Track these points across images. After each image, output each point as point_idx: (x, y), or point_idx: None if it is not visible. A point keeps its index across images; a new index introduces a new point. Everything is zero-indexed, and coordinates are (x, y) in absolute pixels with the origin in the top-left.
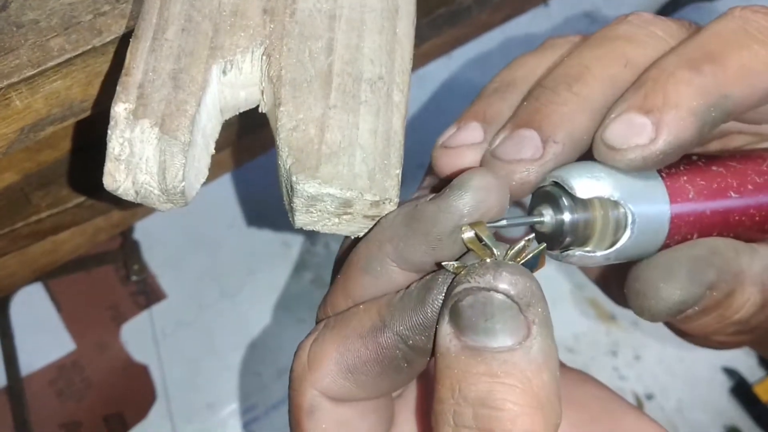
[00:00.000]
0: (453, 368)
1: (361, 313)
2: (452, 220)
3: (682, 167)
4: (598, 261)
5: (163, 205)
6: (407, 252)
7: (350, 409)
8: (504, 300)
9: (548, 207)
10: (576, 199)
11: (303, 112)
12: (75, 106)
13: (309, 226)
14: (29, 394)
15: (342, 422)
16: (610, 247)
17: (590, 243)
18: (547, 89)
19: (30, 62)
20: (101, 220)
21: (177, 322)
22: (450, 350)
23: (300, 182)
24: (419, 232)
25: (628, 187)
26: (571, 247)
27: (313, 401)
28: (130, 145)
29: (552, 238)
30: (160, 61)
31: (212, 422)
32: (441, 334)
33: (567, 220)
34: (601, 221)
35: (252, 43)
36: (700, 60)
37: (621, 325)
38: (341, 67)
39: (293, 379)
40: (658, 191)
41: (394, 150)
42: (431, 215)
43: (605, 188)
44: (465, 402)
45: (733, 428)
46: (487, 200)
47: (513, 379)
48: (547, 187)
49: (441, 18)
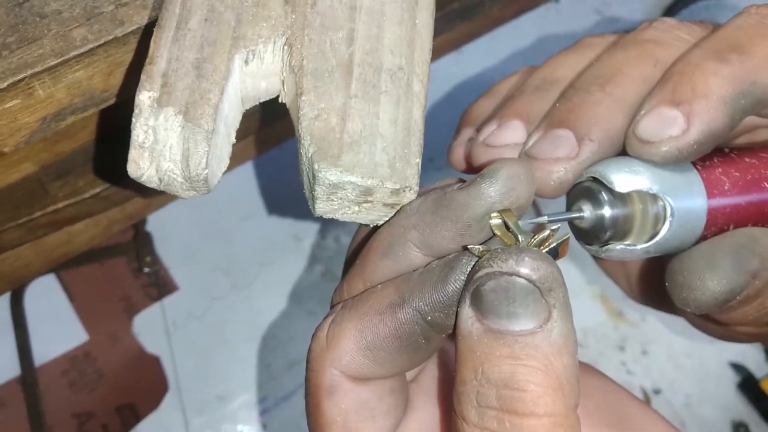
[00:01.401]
0: (475, 350)
1: (378, 292)
2: (483, 207)
3: (716, 159)
4: (638, 254)
5: (185, 193)
6: (433, 238)
7: (369, 389)
8: (526, 284)
9: (587, 202)
10: (615, 193)
11: (324, 101)
12: (96, 96)
13: (329, 214)
14: (42, 385)
15: (361, 402)
16: (649, 240)
17: (630, 237)
18: (580, 90)
19: (53, 52)
20: (116, 211)
21: (188, 314)
22: (472, 333)
23: (322, 170)
24: (448, 218)
25: (666, 181)
26: (611, 241)
27: (333, 380)
28: (154, 133)
29: (592, 234)
30: (184, 50)
31: (223, 413)
32: (463, 317)
33: (607, 215)
34: (641, 215)
35: (274, 34)
36: (725, 51)
37: (629, 320)
38: (362, 57)
39: (312, 360)
40: (695, 184)
41: (414, 139)
42: (462, 201)
43: (644, 182)
44: (488, 383)
45: (740, 423)
46: (517, 188)
47: (535, 362)
48: (585, 183)
49: (454, 12)
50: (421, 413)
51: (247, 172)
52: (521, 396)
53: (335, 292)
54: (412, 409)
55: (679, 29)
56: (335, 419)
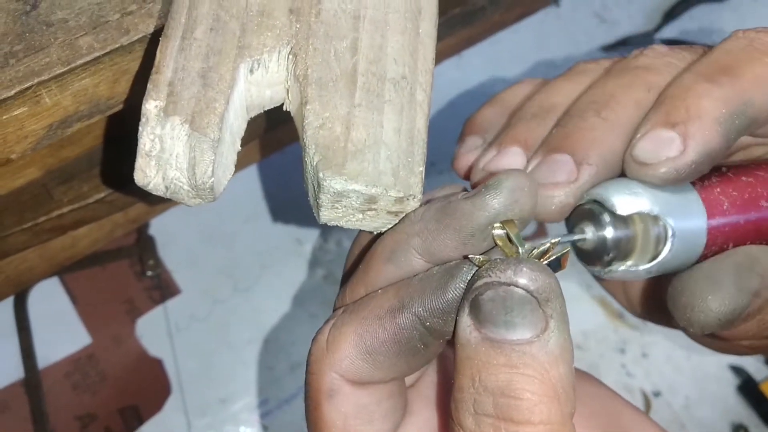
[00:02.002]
0: (473, 359)
1: (378, 297)
2: (486, 218)
3: (714, 179)
4: (641, 275)
5: (191, 201)
6: (436, 246)
7: (367, 393)
8: (523, 294)
9: (590, 224)
10: (617, 215)
11: (329, 110)
12: (102, 104)
13: (334, 222)
14: (46, 387)
15: (360, 406)
16: (651, 260)
17: (632, 257)
18: (576, 116)
19: (60, 60)
20: (119, 215)
21: (191, 317)
22: (470, 342)
23: (327, 179)
24: (451, 227)
25: (666, 202)
26: (614, 262)
27: (332, 384)
28: (160, 142)
29: (594, 255)
30: (190, 59)
31: (225, 416)
32: (461, 325)
33: (609, 237)
34: (642, 236)
35: (278, 43)
36: (716, 73)
37: (629, 323)
38: (366, 66)
39: (312, 363)
40: (695, 204)
41: (417, 148)
42: (466, 211)
43: (644, 203)
44: (485, 391)
45: (739, 425)
46: (520, 200)
47: (531, 370)
48: (586, 205)
49: (455, 18)
50: (419, 418)
51: (249, 176)
52: (517, 404)
53: (337, 296)
54: (411, 413)
55: (669, 55)
56: (335, 422)
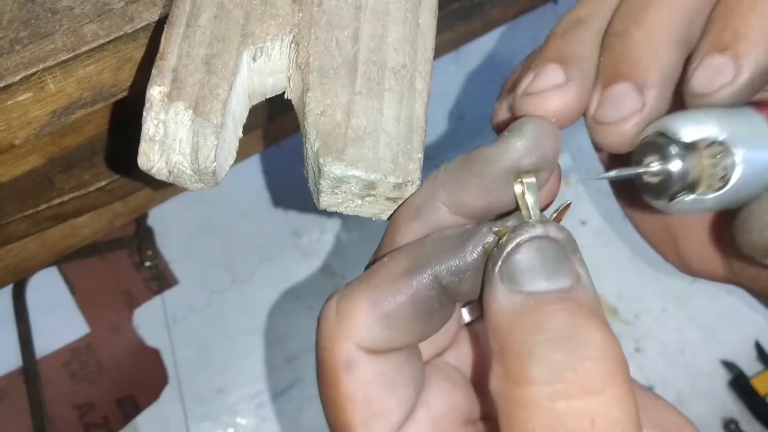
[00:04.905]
0: (522, 316)
1: (389, 263)
2: (510, 161)
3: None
4: (710, 205)
5: (194, 185)
6: (461, 195)
7: (386, 360)
8: (558, 246)
9: (654, 156)
10: (682, 144)
11: (330, 97)
12: (105, 91)
13: (333, 207)
14: (44, 376)
15: (380, 373)
16: (719, 189)
17: (700, 188)
18: (619, 35)
19: (64, 47)
20: (119, 205)
21: (188, 308)
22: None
23: (327, 164)
24: (475, 173)
25: (733, 128)
26: (681, 193)
27: (350, 355)
28: (164, 127)
29: (661, 188)
30: (194, 46)
31: (222, 406)
32: (497, 296)
33: (676, 168)
34: (710, 164)
35: (281, 31)
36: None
37: (622, 318)
38: (366, 55)
39: (323, 339)
40: (763, 129)
41: (416, 135)
42: (490, 156)
43: (710, 130)
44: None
45: (731, 420)
46: (544, 144)
47: (587, 310)
48: (651, 137)
49: (453, 13)
50: (440, 388)
51: (247, 168)
52: (586, 340)
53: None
54: (429, 383)
55: None
56: (355, 395)
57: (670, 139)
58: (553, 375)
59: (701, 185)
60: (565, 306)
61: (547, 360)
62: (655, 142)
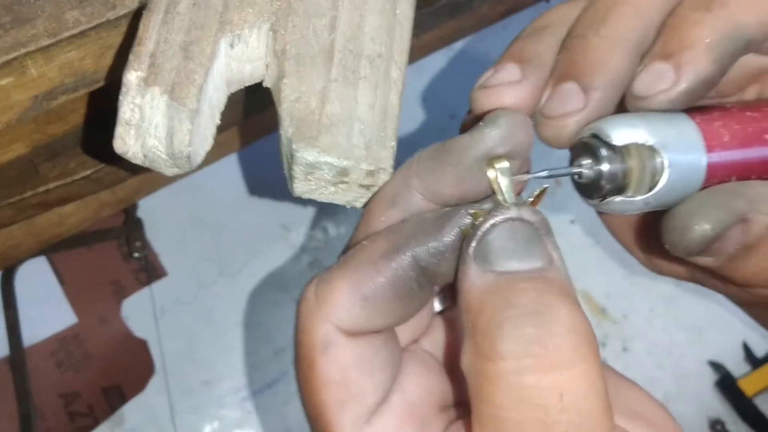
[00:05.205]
0: (494, 294)
1: (368, 246)
2: (484, 150)
3: (716, 113)
4: (638, 206)
5: (169, 170)
6: (435, 184)
7: (364, 343)
8: (531, 227)
9: (587, 157)
10: (613, 147)
11: (305, 84)
12: (87, 77)
13: (307, 195)
14: (31, 365)
15: (358, 356)
16: (647, 192)
17: (629, 189)
18: (577, 37)
19: (46, 32)
20: (107, 194)
21: (176, 300)
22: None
23: (300, 150)
24: (449, 162)
25: (664, 134)
26: (610, 194)
27: (327, 336)
28: (140, 111)
29: (592, 187)
30: (172, 32)
31: (208, 398)
32: (470, 276)
33: (605, 169)
34: (639, 167)
35: (259, 19)
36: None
37: (611, 318)
38: (343, 43)
39: (303, 321)
40: (693, 136)
41: (390, 123)
42: (464, 144)
43: (641, 135)
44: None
45: (717, 420)
46: (516, 135)
47: (556, 289)
48: (585, 138)
49: (442, 9)
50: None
51: (237, 162)
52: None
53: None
54: (405, 367)
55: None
56: (332, 377)
57: (602, 141)
58: (522, 350)
59: (630, 187)
60: (536, 284)
61: (516, 335)
62: (588, 143)
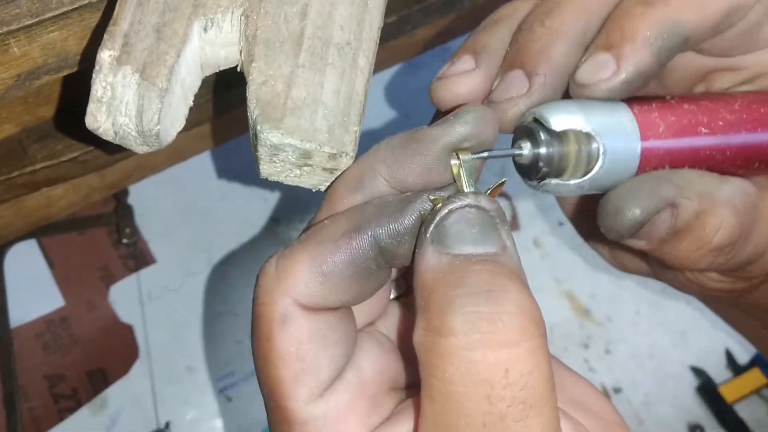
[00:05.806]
0: (448, 274)
1: (330, 224)
2: (452, 142)
3: (654, 105)
4: (572, 190)
5: (139, 147)
6: (402, 172)
7: (321, 318)
8: (486, 214)
9: (527, 141)
10: (552, 132)
11: (273, 69)
12: (70, 58)
13: (273, 177)
14: (17, 345)
15: (314, 330)
16: (582, 177)
17: (566, 173)
18: (524, 30)
19: (29, 12)
20: (96, 179)
21: (164, 287)
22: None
23: (264, 131)
24: (418, 152)
25: (601, 122)
26: (548, 177)
27: (286, 310)
28: (112, 89)
29: (530, 169)
30: (146, 14)
31: (191, 384)
32: (426, 257)
33: (543, 152)
34: (575, 153)
35: (233, 4)
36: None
37: (594, 319)
38: (313, 31)
39: (261, 294)
40: (629, 125)
41: (354, 109)
42: (434, 135)
43: (579, 122)
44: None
45: (696, 425)
46: (485, 130)
47: (507, 271)
48: (526, 123)
49: (432, 6)
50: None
51: (228, 153)
52: (504, 295)
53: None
54: (360, 347)
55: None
56: (288, 350)
57: (542, 126)
58: (471, 326)
59: (567, 171)
60: (488, 267)
61: (466, 311)
62: (528, 127)
